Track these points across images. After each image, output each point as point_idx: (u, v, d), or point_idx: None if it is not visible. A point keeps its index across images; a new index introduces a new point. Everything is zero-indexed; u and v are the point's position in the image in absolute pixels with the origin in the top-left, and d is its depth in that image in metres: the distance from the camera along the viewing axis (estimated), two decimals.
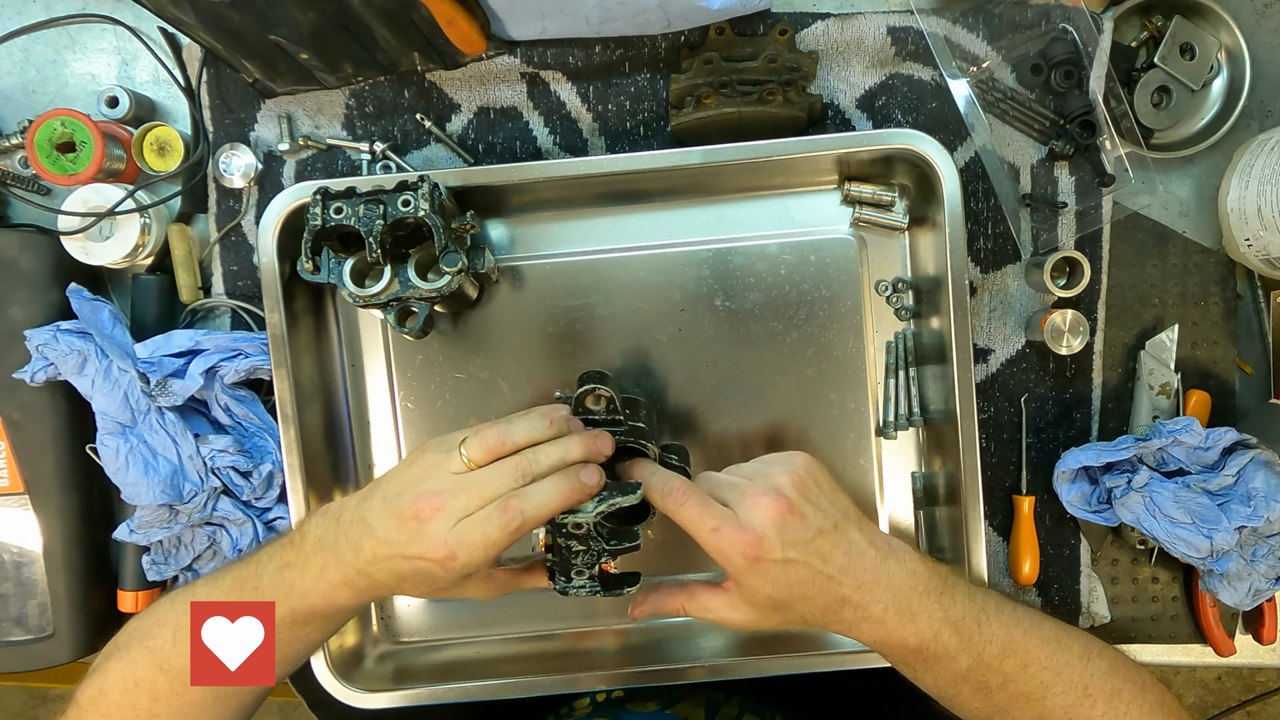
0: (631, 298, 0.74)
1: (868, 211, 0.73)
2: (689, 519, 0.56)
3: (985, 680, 0.56)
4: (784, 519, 0.54)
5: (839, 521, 0.56)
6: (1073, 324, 0.73)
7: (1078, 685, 0.57)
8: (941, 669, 0.56)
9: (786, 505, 0.55)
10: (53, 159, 0.71)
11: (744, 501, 0.55)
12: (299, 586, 0.58)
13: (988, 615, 0.57)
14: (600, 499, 0.57)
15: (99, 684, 0.60)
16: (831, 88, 0.74)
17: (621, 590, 0.62)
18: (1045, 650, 0.57)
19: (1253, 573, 0.71)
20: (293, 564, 0.58)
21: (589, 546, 0.59)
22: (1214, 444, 0.70)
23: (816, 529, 0.55)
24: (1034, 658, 0.56)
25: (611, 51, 0.72)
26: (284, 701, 1.72)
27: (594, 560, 0.59)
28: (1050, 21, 0.73)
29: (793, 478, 0.57)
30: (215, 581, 0.61)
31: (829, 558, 0.55)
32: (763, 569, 0.54)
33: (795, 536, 0.54)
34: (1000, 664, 0.56)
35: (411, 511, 0.55)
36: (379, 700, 0.71)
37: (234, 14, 0.64)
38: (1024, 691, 0.56)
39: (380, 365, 0.75)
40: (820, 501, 0.57)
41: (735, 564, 0.55)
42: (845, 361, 0.74)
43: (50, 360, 0.69)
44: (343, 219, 0.62)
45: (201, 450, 0.71)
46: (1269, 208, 0.68)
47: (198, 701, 0.60)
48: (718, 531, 0.55)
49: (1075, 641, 0.58)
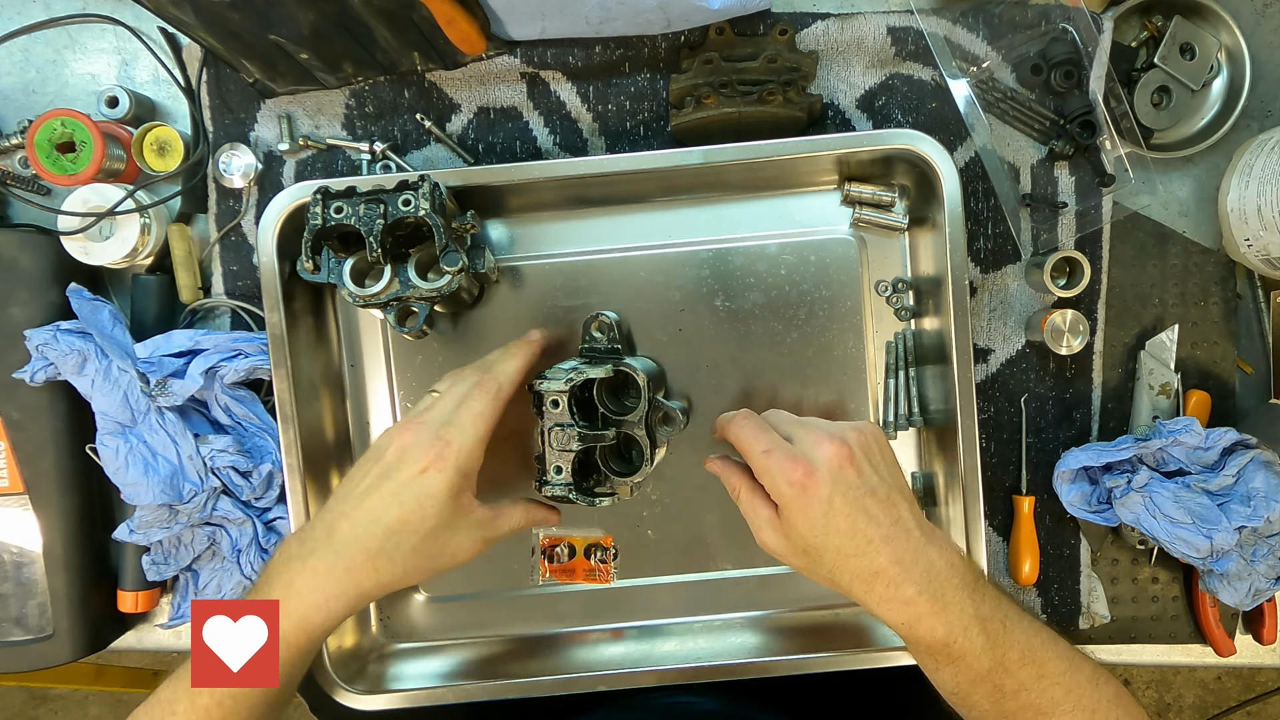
0: (631, 298, 0.74)
1: (868, 212, 0.73)
2: (744, 436, 0.57)
3: (1002, 685, 0.56)
4: (841, 463, 0.55)
5: (892, 493, 0.56)
6: (1073, 324, 0.73)
7: (1086, 706, 0.56)
8: (964, 666, 0.55)
9: (847, 453, 0.55)
10: (53, 159, 0.71)
11: (808, 436, 0.56)
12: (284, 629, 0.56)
13: (1011, 620, 0.56)
14: (570, 369, 0.65)
15: None
16: (831, 88, 0.74)
17: (593, 498, 0.66)
18: (1060, 665, 0.56)
19: (1253, 573, 0.71)
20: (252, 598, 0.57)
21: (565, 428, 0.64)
22: (1214, 444, 0.70)
23: (870, 488, 0.55)
24: (1050, 670, 0.56)
25: (611, 51, 0.72)
26: None
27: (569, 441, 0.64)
28: (1050, 21, 0.73)
29: (860, 436, 0.57)
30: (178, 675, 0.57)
31: (876, 519, 0.55)
32: (806, 502, 0.54)
33: (848, 483, 0.54)
34: (1019, 670, 0.55)
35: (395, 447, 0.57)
36: (379, 701, 0.71)
37: (234, 14, 0.64)
38: (1035, 703, 0.56)
39: (380, 365, 0.75)
40: (880, 467, 0.57)
41: (780, 491, 0.55)
42: (845, 361, 0.74)
43: (50, 360, 0.69)
44: (343, 218, 0.62)
45: (201, 450, 0.71)
46: (1269, 208, 0.68)
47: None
48: (769, 454, 0.55)
49: (1086, 664, 0.58)
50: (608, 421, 0.67)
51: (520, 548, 0.76)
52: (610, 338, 0.71)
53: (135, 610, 0.75)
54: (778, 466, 0.55)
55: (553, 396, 0.64)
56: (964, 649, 0.55)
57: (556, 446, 0.64)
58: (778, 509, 0.57)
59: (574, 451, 0.64)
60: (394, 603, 0.77)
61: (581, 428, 0.64)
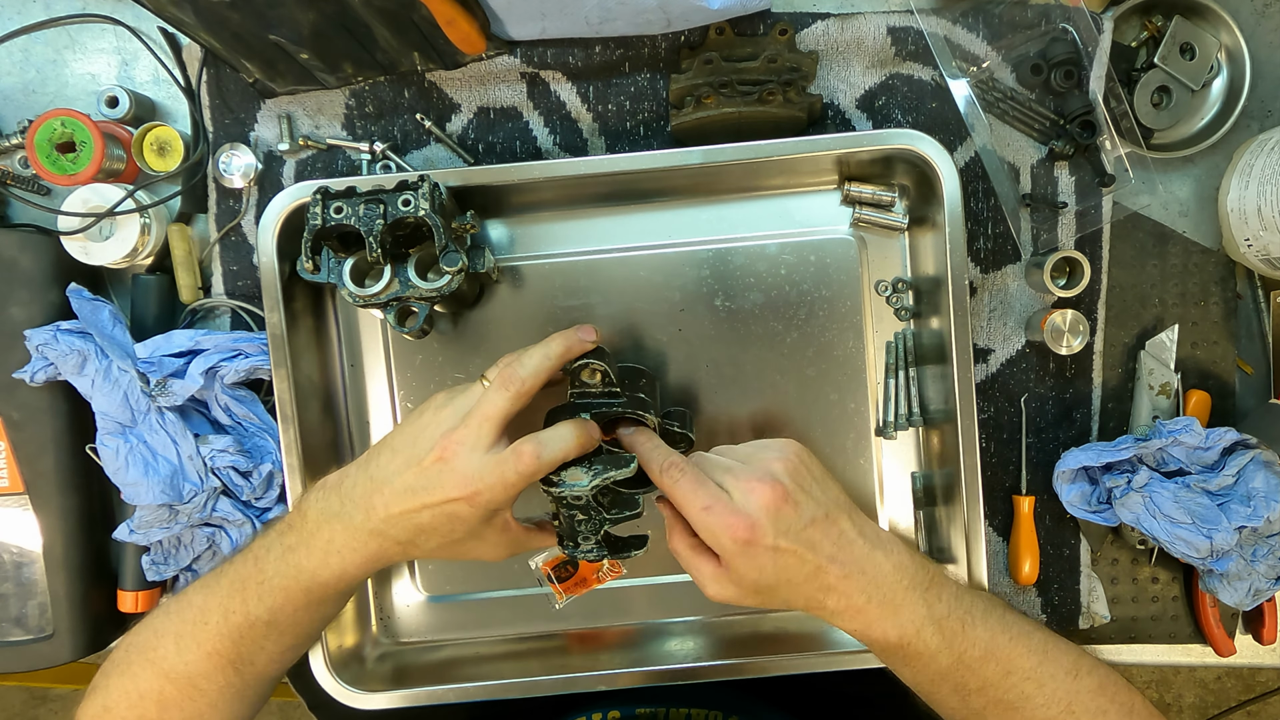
0: (631, 298, 0.74)
1: (868, 212, 0.73)
2: (682, 495, 0.56)
3: (964, 682, 0.56)
4: (778, 506, 0.54)
5: (830, 510, 0.56)
6: (1073, 324, 0.73)
7: (1060, 700, 0.56)
8: (921, 665, 0.56)
9: (782, 493, 0.55)
10: (53, 159, 0.71)
11: (739, 485, 0.55)
12: (307, 566, 0.58)
13: (974, 617, 0.56)
14: (595, 473, 0.59)
15: (101, 700, 0.60)
16: (831, 88, 0.74)
17: (628, 553, 0.63)
18: (1030, 660, 0.56)
19: (1253, 573, 0.71)
20: (296, 546, 0.58)
21: (590, 516, 0.61)
22: (1214, 444, 0.70)
23: (809, 518, 0.55)
24: (1017, 666, 0.56)
25: (611, 51, 0.72)
26: (284, 701, 1.72)
27: (597, 528, 0.61)
28: (1050, 21, 0.73)
29: (787, 464, 0.57)
30: (212, 585, 0.60)
31: (818, 546, 0.55)
32: (753, 554, 0.54)
33: (788, 524, 0.54)
34: (981, 668, 0.56)
35: (435, 454, 0.56)
36: (378, 701, 0.71)
37: (234, 14, 0.64)
38: (1002, 699, 0.56)
39: (380, 365, 0.75)
40: (813, 490, 0.57)
41: (725, 546, 0.55)
42: (845, 362, 0.74)
43: (50, 360, 0.69)
44: (343, 218, 0.62)
45: (201, 450, 0.71)
46: (1269, 208, 0.68)
47: (212, 702, 0.60)
48: (709, 511, 0.55)
49: (1065, 656, 0.58)
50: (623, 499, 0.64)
51: None
52: (606, 383, 0.64)
53: (135, 610, 0.75)
54: (720, 525, 0.54)
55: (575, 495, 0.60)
56: (919, 649, 0.55)
57: (589, 531, 0.61)
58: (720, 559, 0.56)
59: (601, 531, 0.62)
60: (394, 603, 0.77)
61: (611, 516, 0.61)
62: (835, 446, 0.75)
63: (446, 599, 0.77)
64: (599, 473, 0.59)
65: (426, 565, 0.77)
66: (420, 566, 0.77)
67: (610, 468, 0.60)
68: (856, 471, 0.75)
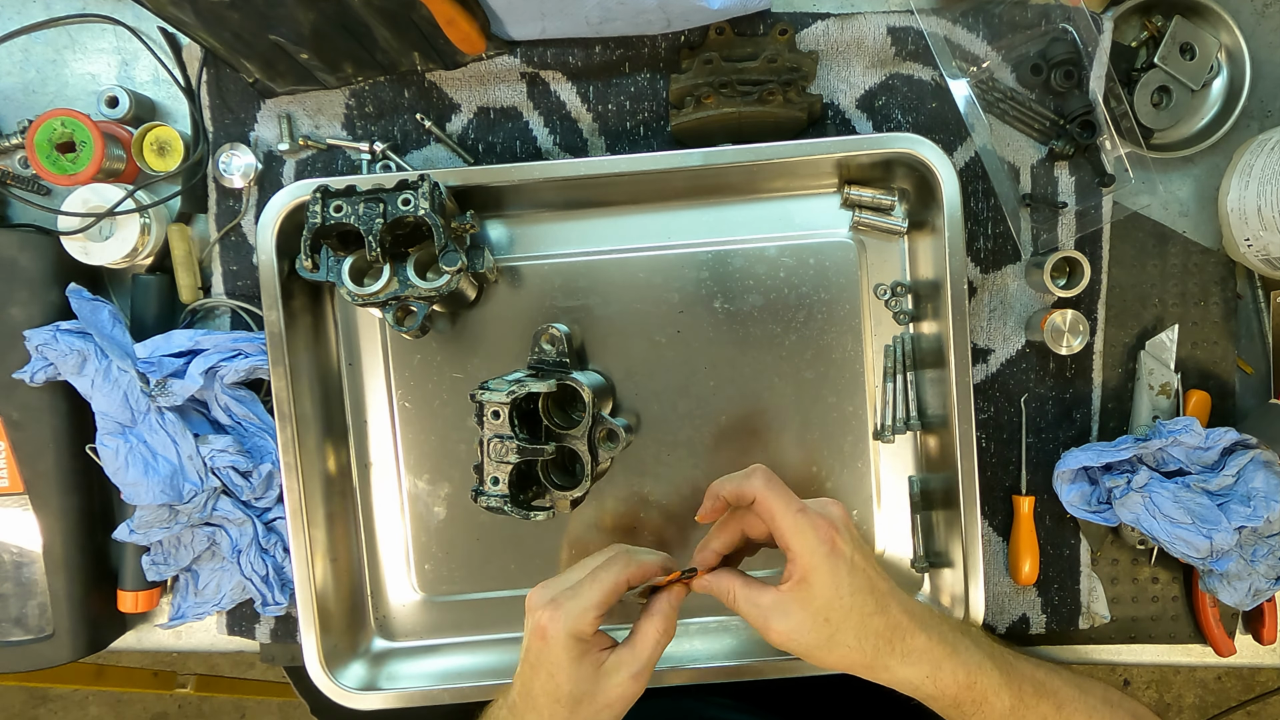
0: (630, 299, 0.74)
1: (867, 215, 0.73)
2: (776, 498, 0.55)
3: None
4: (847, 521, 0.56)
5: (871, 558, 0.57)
6: (1073, 324, 0.72)
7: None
8: (988, 709, 0.54)
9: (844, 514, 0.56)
10: (53, 159, 0.71)
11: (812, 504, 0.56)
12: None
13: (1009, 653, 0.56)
14: (514, 380, 0.65)
15: None
16: (831, 88, 0.74)
17: (529, 512, 0.65)
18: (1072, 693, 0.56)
19: (1253, 573, 0.71)
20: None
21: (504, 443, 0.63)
22: (1214, 444, 0.70)
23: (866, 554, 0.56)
24: (1065, 698, 0.55)
25: (611, 51, 0.72)
26: (284, 702, 1.72)
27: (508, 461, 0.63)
28: (1050, 21, 0.73)
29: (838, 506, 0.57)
30: None
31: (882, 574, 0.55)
32: (835, 562, 0.53)
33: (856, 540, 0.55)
34: (1038, 704, 0.55)
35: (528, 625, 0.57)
36: (373, 700, 0.71)
37: (234, 14, 0.64)
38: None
39: (378, 364, 0.75)
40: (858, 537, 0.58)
41: (814, 549, 0.53)
42: (843, 365, 0.74)
43: (50, 360, 0.69)
44: (342, 217, 0.62)
45: (201, 450, 0.71)
46: (1269, 208, 0.68)
47: None
48: (804, 512, 0.54)
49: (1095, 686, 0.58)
50: (550, 435, 0.67)
51: (519, 548, 0.76)
52: (560, 351, 0.70)
53: (135, 610, 0.75)
54: (811, 524, 0.53)
55: (494, 408, 0.63)
56: (985, 688, 0.54)
57: (495, 458, 0.63)
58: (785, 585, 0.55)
59: (512, 464, 0.63)
60: (392, 603, 0.77)
61: (521, 441, 0.63)
62: (833, 449, 0.75)
63: (445, 599, 0.77)
64: (518, 381, 0.65)
65: (424, 564, 0.77)
66: (418, 565, 0.77)
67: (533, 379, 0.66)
68: (854, 475, 0.75)
